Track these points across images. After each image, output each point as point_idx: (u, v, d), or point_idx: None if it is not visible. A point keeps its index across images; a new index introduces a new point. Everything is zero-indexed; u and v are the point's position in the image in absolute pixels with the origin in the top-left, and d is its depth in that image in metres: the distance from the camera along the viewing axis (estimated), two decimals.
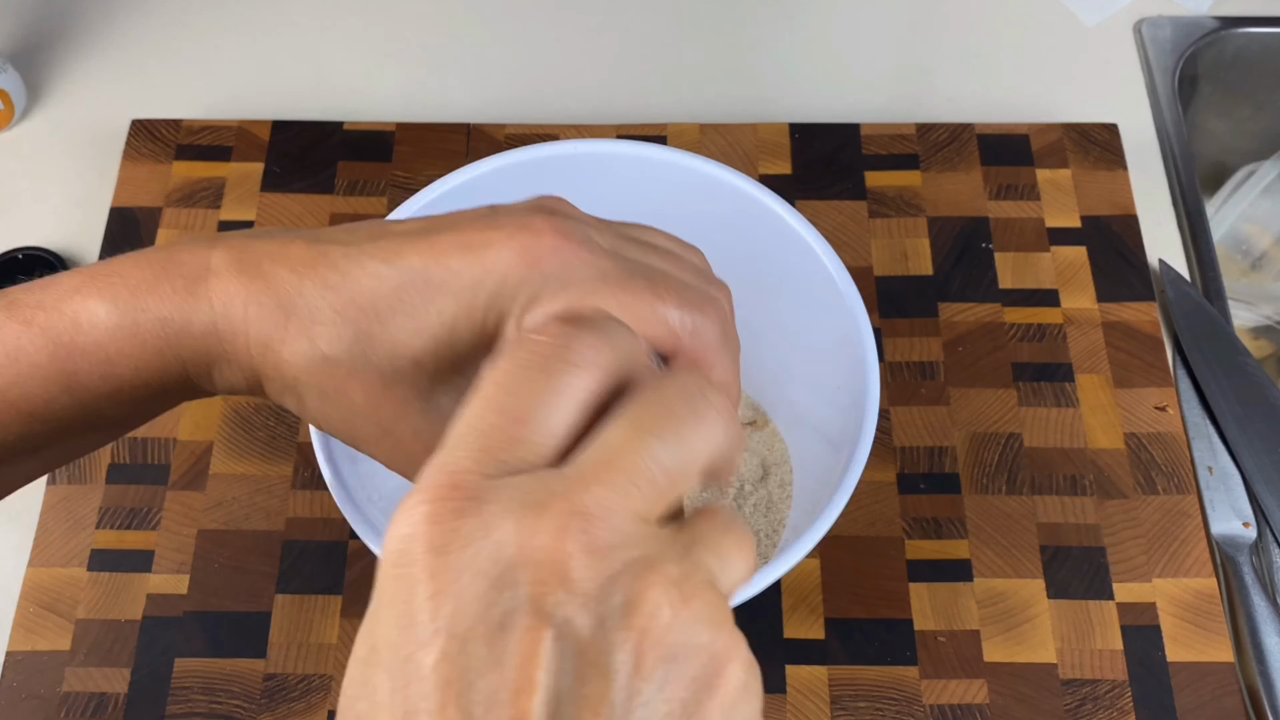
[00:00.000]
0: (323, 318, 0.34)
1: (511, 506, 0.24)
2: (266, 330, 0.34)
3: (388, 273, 0.34)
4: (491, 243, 0.34)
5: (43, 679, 0.57)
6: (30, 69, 0.78)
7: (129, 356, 0.35)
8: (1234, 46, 0.80)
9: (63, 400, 0.36)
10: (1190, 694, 0.57)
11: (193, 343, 0.35)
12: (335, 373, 0.34)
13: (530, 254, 0.34)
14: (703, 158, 0.53)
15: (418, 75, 0.78)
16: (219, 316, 0.35)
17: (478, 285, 0.34)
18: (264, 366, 0.35)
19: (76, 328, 0.35)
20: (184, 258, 0.35)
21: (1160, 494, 0.62)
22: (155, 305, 0.35)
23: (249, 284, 0.35)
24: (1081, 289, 0.68)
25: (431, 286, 0.34)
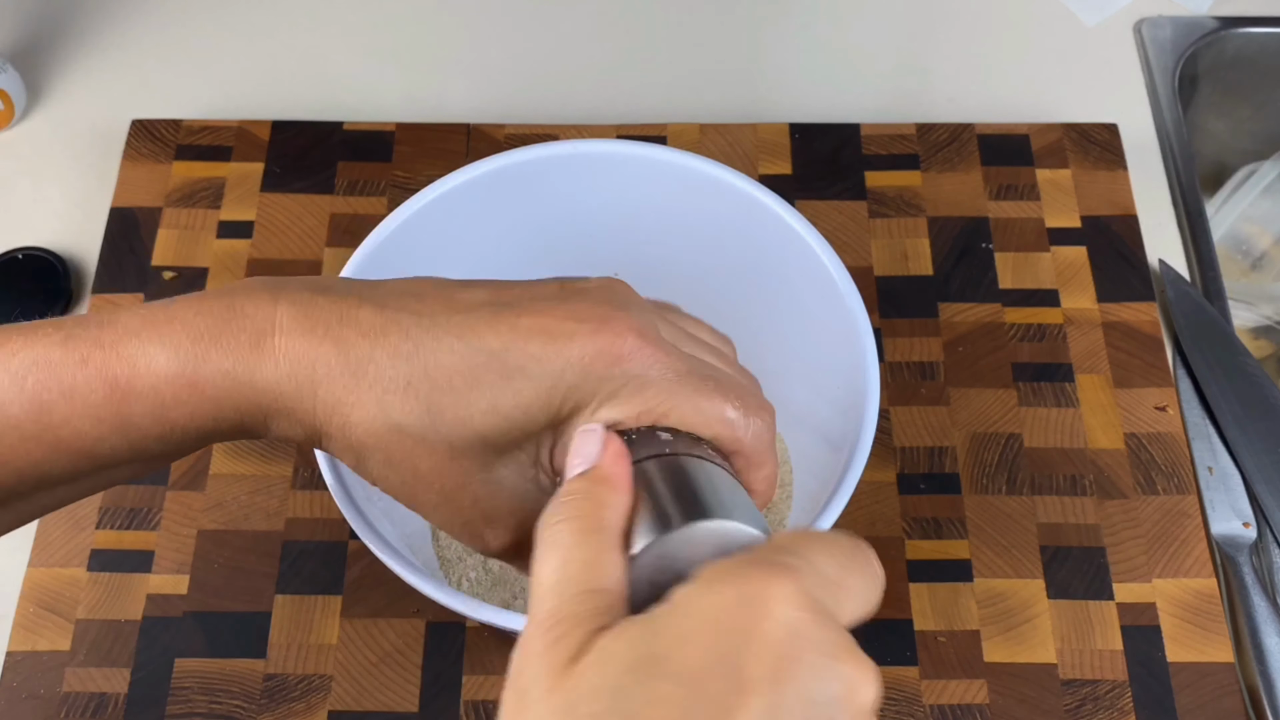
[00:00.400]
0: (394, 387, 0.35)
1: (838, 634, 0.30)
2: (335, 394, 0.35)
3: (464, 350, 0.35)
4: (575, 335, 0.35)
5: (43, 679, 0.57)
6: (30, 69, 0.78)
7: (185, 404, 0.36)
8: (1234, 46, 0.80)
9: (113, 440, 0.36)
10: (1190, 694, 0.57)
11: (254, 396, 0.36)
12: (403, 441, 0.35)
13: (613, 353, 0.35)
14: (703, 158, 0.53)
15: (418, 75, 0.78)
16: (284, 375, 0.35)
17: (559, 376, 0.35)
18: (328, 426, 0.36)
19: (134, 372, 0.35)
20: (248, 309, 0.36)
21: (1160, 494, 0.62)
22: (218, 357, 0.35)
23: (318, 345, 0.35)
24: (1081, 289, 0.68)
25: (510, 369, 0.35)
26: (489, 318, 0.36)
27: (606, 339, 0.35)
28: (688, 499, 0.33)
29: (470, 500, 0.37)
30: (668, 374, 0.36)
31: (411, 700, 0.57)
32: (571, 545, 0.31)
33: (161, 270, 0.69)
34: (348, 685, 0.57)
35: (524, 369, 0.35)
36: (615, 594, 0.30)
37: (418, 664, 0.58)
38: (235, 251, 0.69)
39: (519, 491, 0.37)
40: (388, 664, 0.58)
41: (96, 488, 0.40)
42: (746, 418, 0.36)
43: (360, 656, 0.58)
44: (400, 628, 0.59)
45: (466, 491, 0.36)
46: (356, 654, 0.58)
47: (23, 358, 0.36)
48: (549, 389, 0.35)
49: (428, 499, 0.37)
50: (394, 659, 0.58)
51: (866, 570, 0.32)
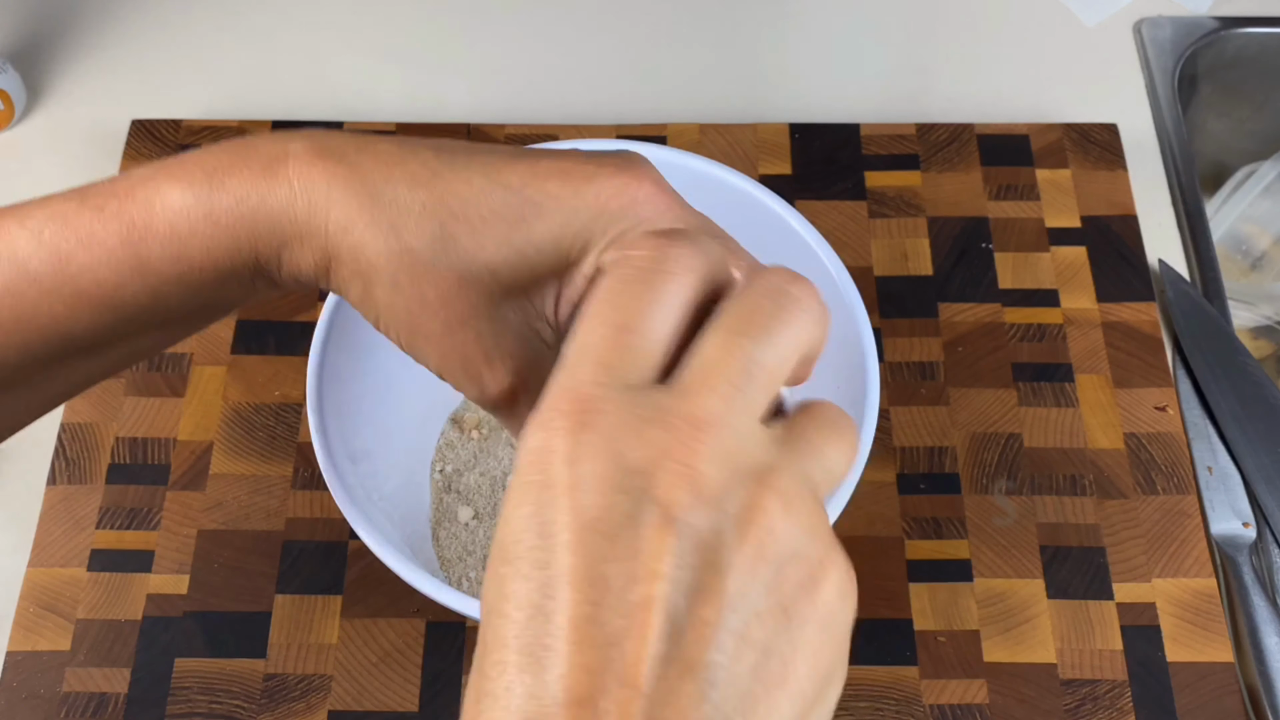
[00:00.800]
0: (409, 210, 0.35)
1: (630, 418, 0.27)
2: (349, 213, 0.35)
3: (483, 183, 0.35)
4: (594, 176, 0.35)
5: (43, 679, 0.57)
6: (30, 69, 0.78)
7: (201, 236, 0.36)
8: (1234, 46, 0.80)
9: (133, 285, 0.36)
10: (1190, 694, 0.57)
11: (268, 220, 0.36)
12: (414, 264, 0.35)
13: (629, 194, 0.35)
14: (703, 158, 0.53)
15: (418, 75, 0.78)
16: (298, 194, 0.35)
17: (573, 213, 0.35)
18: (340, 249, 0.36)
19: (150, 211, 0.35)
20: (262, 145, 0.36)
21: (1160, 494, 0.62)
22: (232, 185, 0.35)
23: (334, 167, 0.35)
24: (1081, 289, 0.68)
25: (527, 205, 0.35)
26: (509, 158, 0.36)
27: (624, 179, 0.35)
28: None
29: (474, 335, 0.36)
30: (679, 222, 0.36)
31: (411, 700, 0.57)
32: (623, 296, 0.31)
33: None
34: (348, 685, 0.57)
35: (540, 205, 0.35)
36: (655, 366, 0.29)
37: (418, 664, 0.58)
38: None
39: (522, 335, 0.37)
40: (388, 664, 0.58)
41: (122, 360, 0.40)
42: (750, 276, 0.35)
43: (360, 656, 0.58)
44: (400, 628, 0.59)
45: (470, 326, 0.36)
46: (356, 654, 0.58)
47: (40, 214, 0.36)
48: (562, 225, 0.35)
49: (431, 329, 0.36)
50: (394, 659, 0.58)
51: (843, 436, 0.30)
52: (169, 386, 0.65)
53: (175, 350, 0.66)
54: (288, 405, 0.65)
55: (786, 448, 0.28)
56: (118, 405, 0.64)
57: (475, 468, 0.61)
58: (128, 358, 0.40)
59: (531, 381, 0.37)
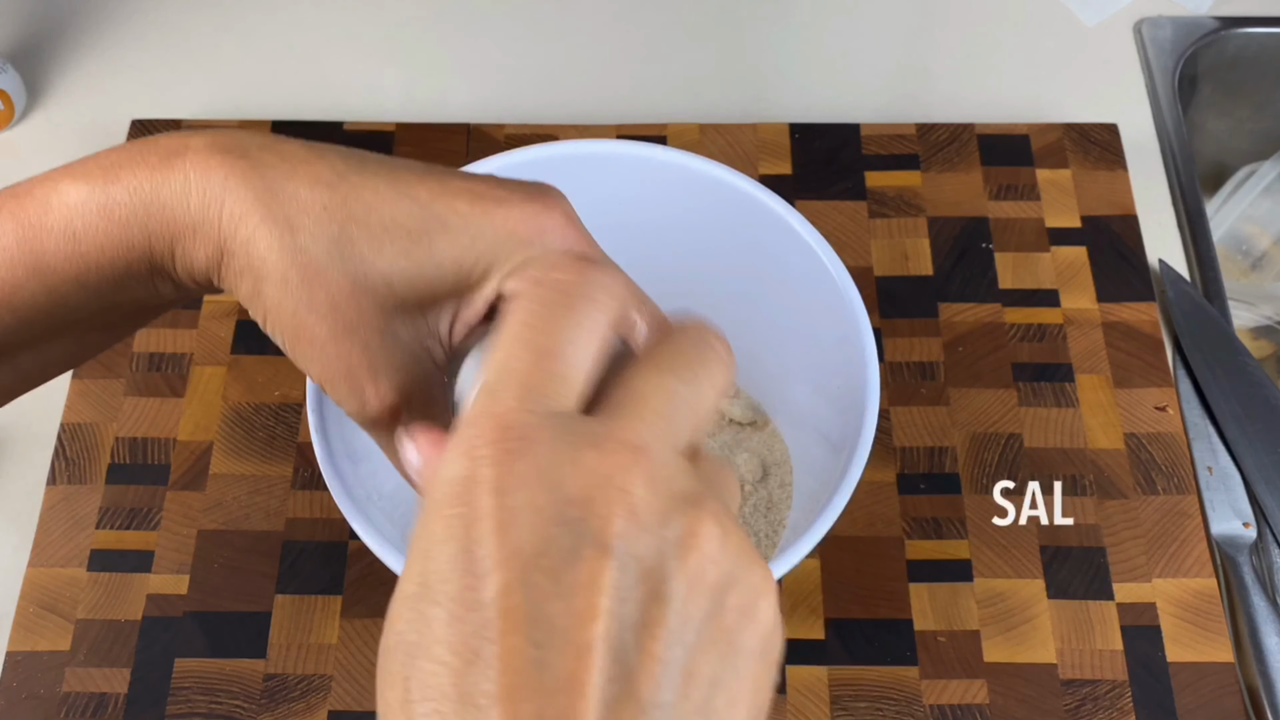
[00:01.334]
0: (308, 209, 0.34)
1: (563, 445, 0.26)
2: (244, 206, 0.34)
3: (390, 193, 0.35)
4: (504, 200, 0.35)
5: (43, 679, 0.57)
6: (30, 69, 0.78)
7: (96, 231, 0.35)
8: (1234, 46, 0.80)
9: (30, 285, 0.35)
10: (1190, 694, 0.57)
11: (161, 212, 0.35)
12: (306, 265, 0.34)
13: (539, 222, 0.35)
14: (703, 158, 0.53)
15: (418, 75, 0.78)
16: (193, 186, 0.35)
17: (480, 234, 0.34)
18: (232, 242, 0.35)
19: (46, 209, 0.35)
20: (163, 140, 0.36)
21: (1160, 494, 0.62)
22: (127, 178, 0.35)
23: (233, 161, 0.34)
24: (1081, 289, 0.68)
25: (432, 220, 0.34)
26: (421, 173, 0.35)
27: (535, 208, 0.35)
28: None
29: (360, 345, 0.35)
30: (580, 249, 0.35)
31: None
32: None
33: None
34: (348, 685, 0.57)
35: (446, 222, 0.34)
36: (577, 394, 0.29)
37: None
38: None
39: (412, 353, 0.36)
40: None
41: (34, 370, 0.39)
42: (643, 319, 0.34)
43: (360, 656, 0.58)
44: None
45: (358, 336, 0.35)
46: (357, 654, 0.58)
47: None
48: (467, 245, 0.34)
49: (316, 333, 0.35)
50: None
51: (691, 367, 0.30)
52: (169, 386, 0.65)
53: (175, 350, 0.66)
54: (288, 405, 0.64)
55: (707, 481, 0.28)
56: (118, 405, 0.64)
57: None
58: (40, 367, 0.39)
59: (415, 400, 0.36)
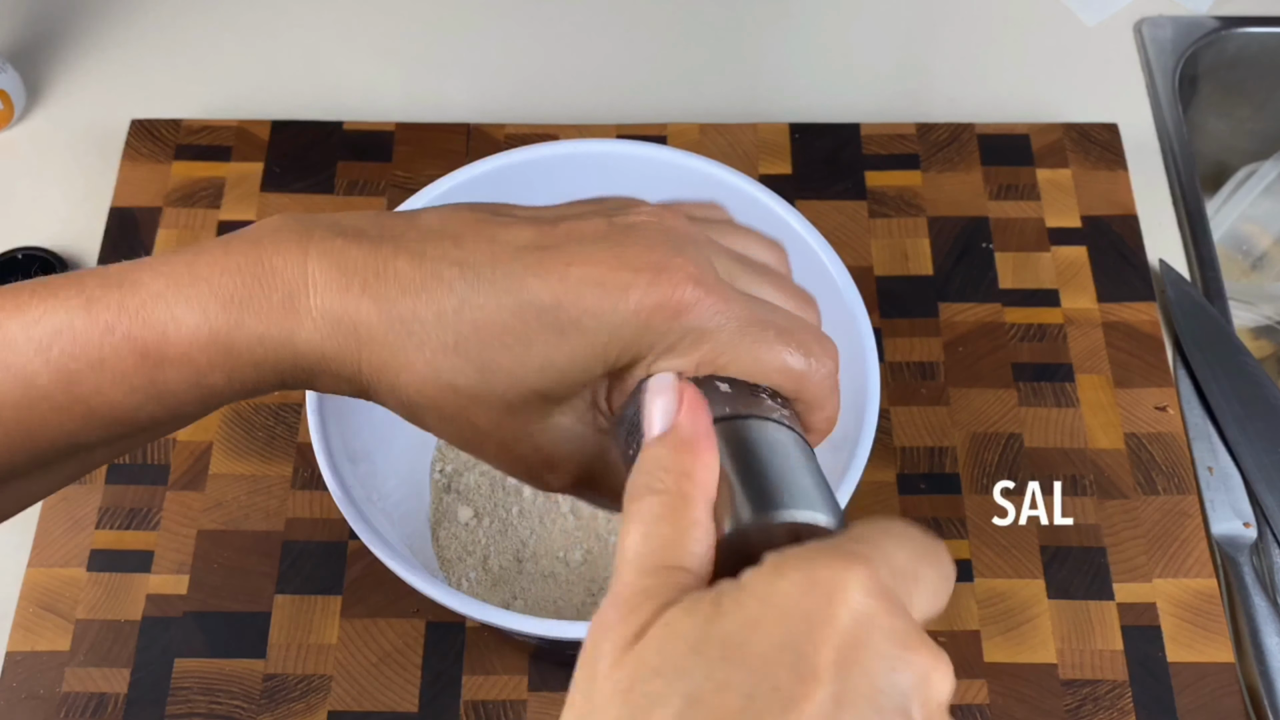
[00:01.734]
0: (443, 347, 0.34)
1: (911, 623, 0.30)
2: (381, 356, 0.34)
3: (513, 305, 0.34)
4: (630, 287, 0.33)
5: (42, 679, 0.57)
6: (30, 69, 0.78)
7: (221, 368, 0.34)
8: (1234, 46, 0.80)
9: (150, 407, 0.35)
10: (1190, 694, 0.57)
11: (294, 359, 0.34)
12: (457, 399, 0.34)
13: (672, 306, 0.33)
14: (703, 158, 0.53)
15: (418, 75, 0.78)
16: (324, 337, 0.34)
17: (615, 330, 0.34)
18: (377, 386, 0.35)
19: (164, 339, 0.34)
20: (277, 264, 0.34)
21: (1160, 494, 0.62)
22: (251, 322, 0.34)
23: (356, 302, 0.34)
24: (1082, 289, 0.68)
25: (564, 325, 0.34)
26: (535, 265, 0.34)
27: (665, 290, 0.33)
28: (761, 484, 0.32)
29: (530, 449, 0.36)
30: (728, 324, 0.34)
31: (411, 700, 0.57)
32: (654, 519, 0.30)
33: None
34: (347, 685, 0.57)
35: (578, 323, 0.34)
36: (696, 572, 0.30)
37: (417, 664, 0.58)
38: None
39: (577, 435, 0.36)
40: (387, 664, 0.58)
41: (131, 448, 0.40)
42: (807, 362, 0.35)
43: (360, 656, 0.58)
44: (400, 628, 0.59)
45: (525, 442, 0.36)
46: (356, 654, 0.58)
47: (45, 325, 0.34)
48: (605, 344, 0.34)
49: (487, 450, 0.36)
50: (394, 659, 0.58)
51: (939, 563, 0.31)
52: None
53: None
54: (288, 405, 0.64)
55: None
56: None
57: (475, 467, 0.60)
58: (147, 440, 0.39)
59: (595, 469, 0.37)
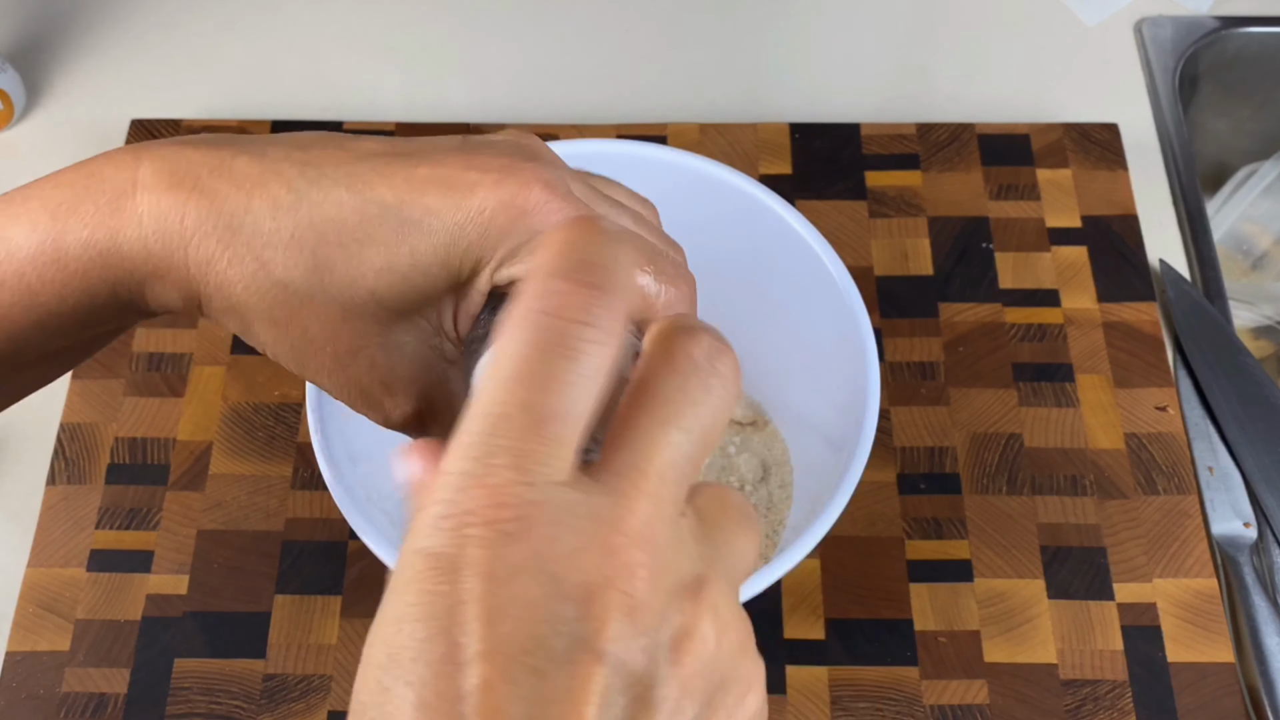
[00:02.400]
0: (275, 241, 0.32)
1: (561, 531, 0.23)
2: (208, 248, 0.32)
3: (353, 202, 0.32)
4: (476, 185, 0.32)
5: (42, 679, 0.57)
6: (30, 69, 0.78)
7: (51, 283, 0.33)
8: (1234, 46, 0.80)
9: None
10: (1191, 694, 0.57)
11: (121, 262, 0.33)
12: (289, 300, 0.33)
13: (518, 206, 0.32)
14: (703, 157, 0.53)
15: (418, 75, 0.78)
16: (150, 233, 0.33)
17: (458, 230, 0.32)
18: (204, 286, 0.33)
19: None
20: (107, 172, 0.33)
21: (1161, 494, 0.62)
22: (77, 226, 0.33)
23: (185, 197, 0.32)
24: (1082, 289, 0.68)
25: (405, 224, 0.32)
26: (382, 167, 0.33)
27: (510, 190, 0.32)
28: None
29: (367, 365, 0.34)
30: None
31: None
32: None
33: None
34: (348, 685, 0.57)
35: (420, 223, 0.32)
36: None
37: None
38: None
39: (420, 358, 0.34)
40: None
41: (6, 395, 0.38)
42: (659, 285, 0.32)
43: (360, 656, 0.58)
44: None
45: (362, 356, 0.34)
46: (356, 654, 0.58)
47: None
48: (447, 245, 0.32)
49: (320, 363, 0.34)
50: None
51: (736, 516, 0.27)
52: (168, 386, 0.65)
53: (175, 350, 0.66)
54: (287, 405, 0.64)
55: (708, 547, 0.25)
56: (117, 405, 0.64)
57: None
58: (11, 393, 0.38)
59: (438, 403, 0.35)
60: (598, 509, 0.24)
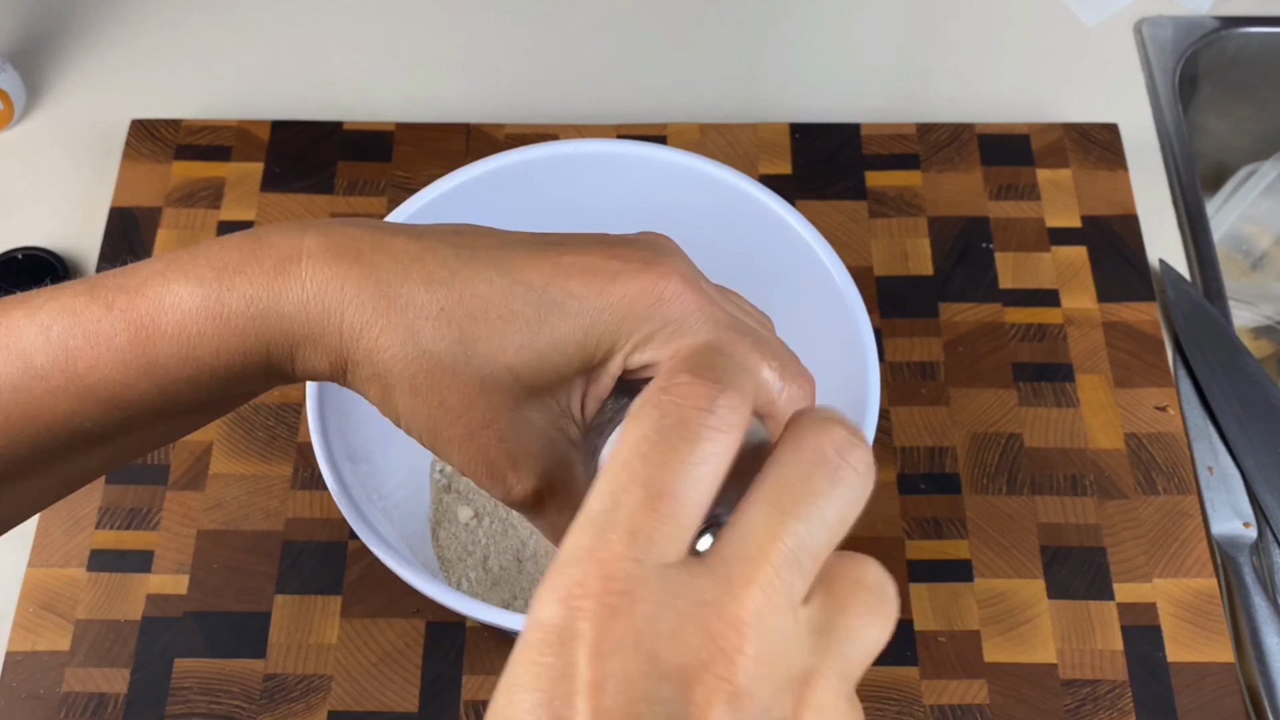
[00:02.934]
0: (426, 313, 0.34)
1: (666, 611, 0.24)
2: (364, 316, 0.34)
3: (503, 283, 0.34)
4: (618, 274, 0.34)
5: (42, 679, 0.57)
6: (30, 69, 0.78)
7: (211, 338, 0.35)
8: (1234, 46, 0.80)
9: (141, 385, 0.35)
10: (1191, 694, 0.57)
11: (279, 322, 0.35)
12: (433, 370, 0.34)
13: (655, 293, 0.34)
14: (703, 158, 0.53)
15: (418, 75, 0.78)
16: (311, 296, 0.34)
17: (598, 314, 0.34)
18: (355, 352, 0.35)
19: (159, 309, 0.35)
20: (275, 240, 0.35)
21: (1161, 494, 0.62)
22: (242, 285, 0.34)
23: (348, 267, 0.34)
24: (1082, 289, 0.68)
25: (549, 305, 0.34)
26: (529, 253, 0.35)
27: (650, 279, 0.34)
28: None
29: (497, 438, 0.35)
30: (707, 322, 0.34)
31: (411, 700, 0.57)
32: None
33: None
34: (347, 685, 0.57)
35: (563, 306, 0.34)
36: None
37: (417, 664, 0.58)
38: None
39: (547, 436, 0.36)
40: (387, 664, 0.58)
41: (133, 447, 0.39)
42: (783, 381, 0.35)
43: (360, 657, 0.58)
44: (400, 628, 0.59)
45: (493, 429, 0.35)
46: (356, 654, 0.58)
47: (49, 308, 0.35)
48: (586, 327, 0.34)
49: (453, 433, 0.35)
50: (394, 659, 0.58)
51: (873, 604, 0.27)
52: None
53: None
54: (288, 405, 0.64)
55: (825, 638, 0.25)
56: None
57: None
58: (143, 444, 0.39)
59: (558, 483, 0.37)
60: (702, 592, 0.24)
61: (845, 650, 0.25)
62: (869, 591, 0.26)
